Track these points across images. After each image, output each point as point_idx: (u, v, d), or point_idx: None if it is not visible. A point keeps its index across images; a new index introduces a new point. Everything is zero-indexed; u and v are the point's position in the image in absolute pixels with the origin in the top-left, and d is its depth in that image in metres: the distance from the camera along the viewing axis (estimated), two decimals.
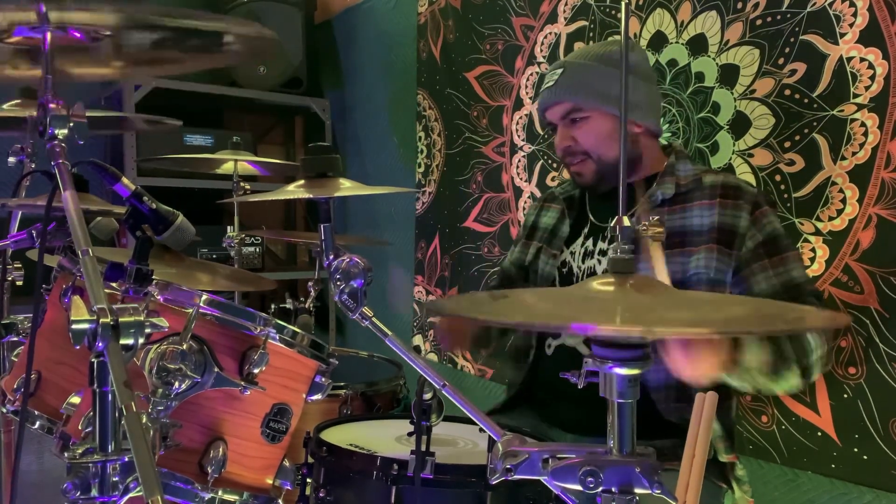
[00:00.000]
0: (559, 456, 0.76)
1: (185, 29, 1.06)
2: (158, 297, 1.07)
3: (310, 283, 1.97)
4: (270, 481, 1.18)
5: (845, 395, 1.64)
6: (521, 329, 1.61)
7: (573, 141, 1.52)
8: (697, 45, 1.95)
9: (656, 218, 0.86)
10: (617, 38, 1.55)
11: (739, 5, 1.85)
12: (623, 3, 0.77)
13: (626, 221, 0.78)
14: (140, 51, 1.14)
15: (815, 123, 1.70)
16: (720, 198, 1.44)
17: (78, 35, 1.01)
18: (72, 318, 0.71)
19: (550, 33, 2.40)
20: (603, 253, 1.55)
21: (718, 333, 1.01)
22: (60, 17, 0.95)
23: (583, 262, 1.58)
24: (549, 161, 2.42)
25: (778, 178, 1.77)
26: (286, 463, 1.20)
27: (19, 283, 1.51)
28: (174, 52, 1.16)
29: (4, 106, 1.63)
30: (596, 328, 0.64)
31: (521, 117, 2.53)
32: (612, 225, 0.80)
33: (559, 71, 1.52)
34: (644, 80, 1.54)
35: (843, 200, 1.65)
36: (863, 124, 1.62)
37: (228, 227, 2.44)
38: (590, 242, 1.59)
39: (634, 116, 1.50)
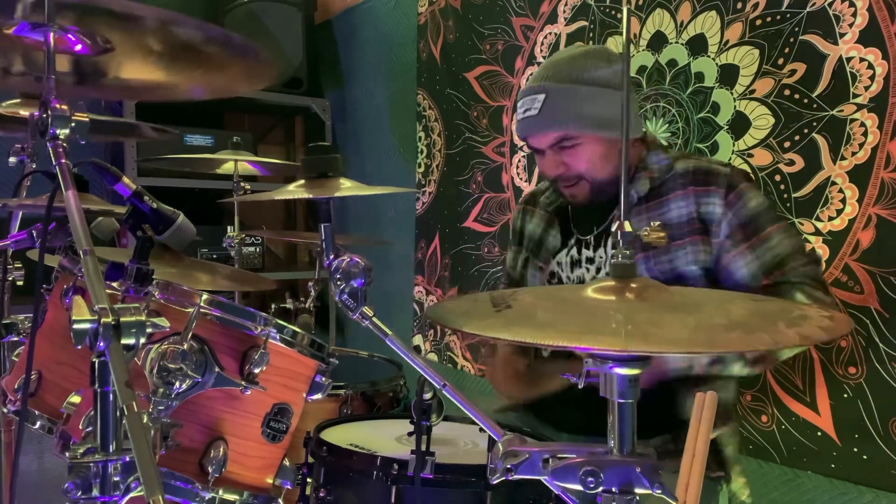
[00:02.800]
0: (559, 456, 0.76)
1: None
2: (159, 297, 1.07)
3: (310, 283, 1.97)
4: (271, 481, 1.18)
5: (845, 395, 1.64)
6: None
7: (566, 167, 1.47)
8: (697, 45, 1.95)
9: (657, 224, 0.85)
10: (588, 49, 1.50)
11: (739, 5, 1.85)
12: (624, 8, 0.77)
13: (628, 226, 0.78)
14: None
15: (814, 123, 1.70)
16: (692, 185, 1.42)
17: (77, 44, 1.01)
18: (73, 317, 0.71)
19: (550, 33, 2.40)
20: (590, 260, 1.54)
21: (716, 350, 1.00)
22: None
23: (571, 271, 1.57)
24: None
25: (778, 178, 1.77)
26: (286, 462, 1.20)
27: (20, 283, 1.51)
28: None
29: (4, 103, 1.63)
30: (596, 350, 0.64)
31: None
32: (607, 230, 0.80)
33: (541, 97, 1.44)
34: (621, 90, 1.51)
35: (843, 200, 1.65)
36: (862, 124, 1.62)
37: (229, 227, 2.45)
38: (574, 251, 1.57)
39: (620, 131, 1.48)
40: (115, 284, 0.98)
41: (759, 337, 0.69)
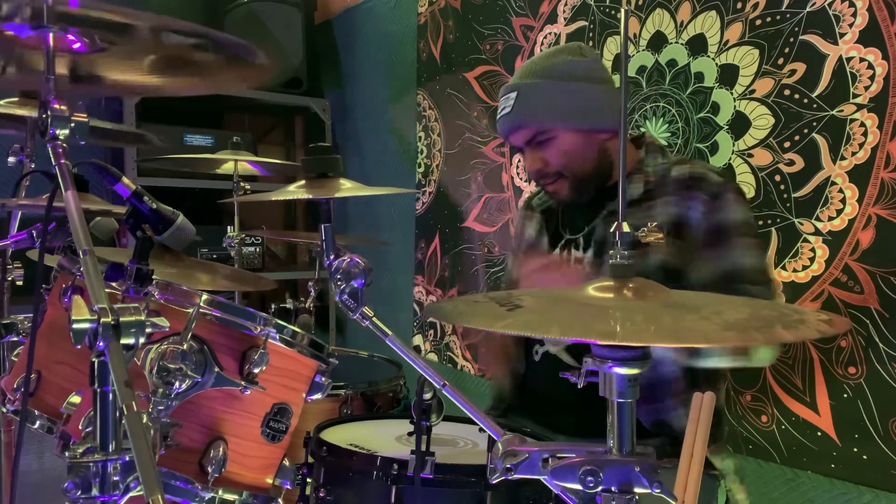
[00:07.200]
0: (559, 455, 0.76)
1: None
2: (159, 297, 1.07)
3: (310, 283, 1.97)
4: (270, 481, 1.18)
5: (845, 395, 1.64)
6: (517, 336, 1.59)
7: (544, 163, 1.49)
8: (697, 45, 1.95)
9: (654, 224, 0.85)
10: (560, 47, 1.52)
11: (739, 5, 1.85)
12: (623, 8, 0.77)
13: (626, 227, 0.78)
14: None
15: (814, 123, 1.70)
16: (683, 189, 1.42)
17: (77, 43, 1.00)
18: (73, 317, 0.71)
19: (550, 33, 2.40)
20: (578, 261, 1.54)
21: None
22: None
23: None
24: None
25: (778, 178, 1.77)
26: (286, 462, 1.20)
27: (19, 282, 1.51)
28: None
29: (2, 102, 1.63)
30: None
31: None
32: (611, 231, 0.79)
33: (512, 95, 1.47)
34: (600, 84, 1.50)
35: (843, 200, 1.65)
36: (862, 124, 1.62)
37: (229, 227, 2.44)
38: (565, 253, 1.57)
39: (600, 124, 1.47)
40: (114, 284, 0.98)
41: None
